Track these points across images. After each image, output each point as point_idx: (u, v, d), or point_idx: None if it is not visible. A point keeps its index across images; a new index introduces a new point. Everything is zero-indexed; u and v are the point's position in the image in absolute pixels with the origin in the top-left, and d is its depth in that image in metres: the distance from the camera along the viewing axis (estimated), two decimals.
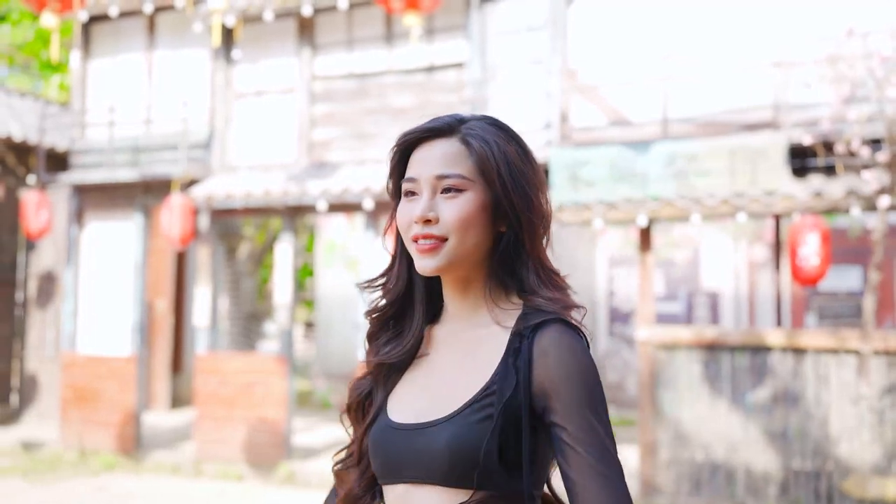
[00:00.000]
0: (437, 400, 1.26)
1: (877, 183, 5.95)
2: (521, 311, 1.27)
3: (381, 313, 1.37)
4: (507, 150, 1.29)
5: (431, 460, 1.21)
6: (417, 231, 1.26)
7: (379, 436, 1.29)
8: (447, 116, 1.33)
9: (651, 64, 7.27)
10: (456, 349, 1.31)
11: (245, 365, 8.55)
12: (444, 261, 1.26)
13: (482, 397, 1.21)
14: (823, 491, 6.52)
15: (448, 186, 1.27)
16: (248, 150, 8.85)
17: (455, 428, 1.20)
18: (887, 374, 6.36)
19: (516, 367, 1.21)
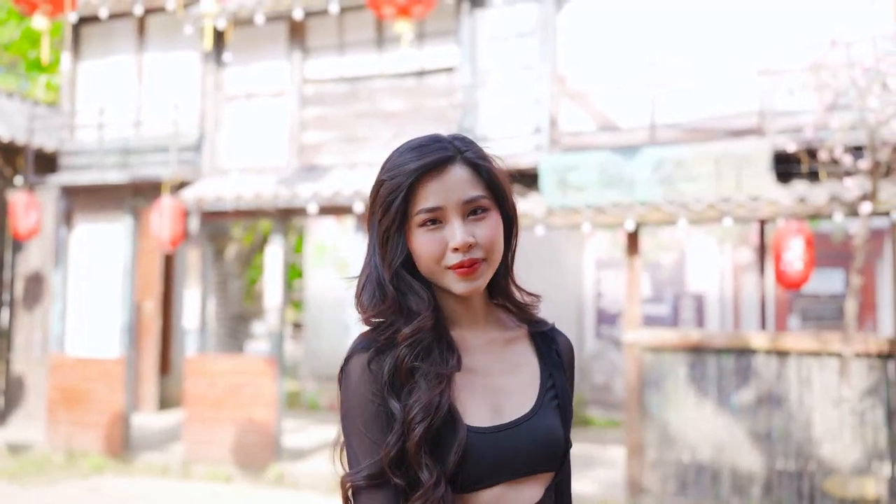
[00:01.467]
0: (508, 397, 1.33)
1: (858, 189, 6.07)
2: (521, 315, 1.42)
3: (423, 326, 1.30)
4: (501, 168, 1.37)
5: (536, 450, 1.30)
6: (460, 258, 1.29)
7: (471, 444, 1.26)
8: (438, 142, 1.33)
9: (639, 70, 7.37)
10: (488, 353, 1.37)
11: (234, 366, 8.59)
12: (485, 279, 1.33)
13: (546, 389, 1.37)
14: (806, 491, 6.64)
15: (476, 208, 1.31)
16: (239, 153, 8.89)
17: (546, 418, 1.34)
18: (868, 376, 6.49)
19: (561, 363, 1.42)
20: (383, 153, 8.24)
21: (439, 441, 1.24)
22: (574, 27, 7.74)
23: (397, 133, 8.26)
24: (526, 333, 1.42)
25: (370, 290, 1.34)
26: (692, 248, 11.26)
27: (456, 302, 1.36)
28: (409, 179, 1.29)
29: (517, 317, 1.42)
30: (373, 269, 1.35)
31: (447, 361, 1.29)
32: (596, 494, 7.33)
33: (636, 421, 7.12)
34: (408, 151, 1.33)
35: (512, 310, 1.41)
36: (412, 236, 1.31)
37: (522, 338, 1.41)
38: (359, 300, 1.36)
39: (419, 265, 1.32)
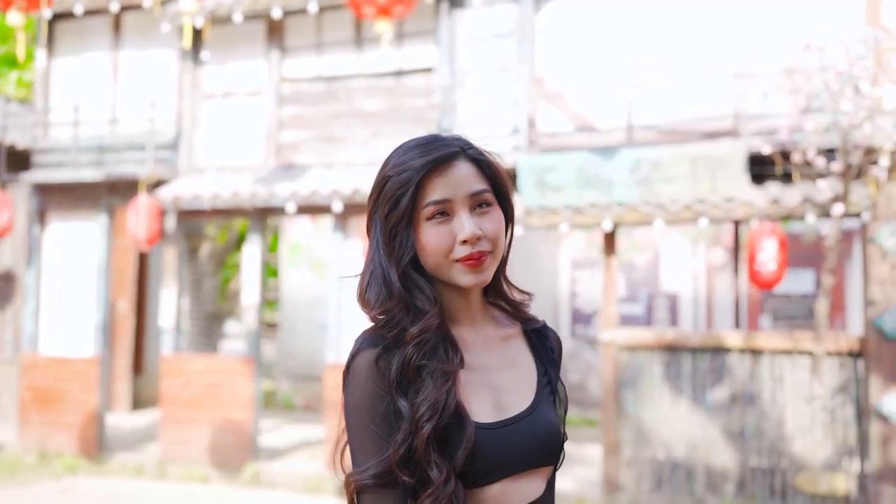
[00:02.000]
0: (508, 393, 1.36)
1: (831, 191, 6.20)
2: (514, 312, 1.45)
3: (429, 331, 1.30)
4: (501, 166, 1.41)
5: (537, 444, 1.33)
6: (469, 250, 1.30)
7: (482, 439, 1.28)
8: (441, 140, 1.35)
9: (616, 72, 7.45)
10: (486, 350, 1.39)
11: (211, 366, 8.55)
12: (490, 272, 1.35)
13: (543, 385, 1.40)
14: (778, 487, 6.76)
15: (481, 202, 1.33)
16: (216, 152, 8.85)
17: (545, 413, 1.37)
18: (838, 374, 6.62)
19: (554, 359, 1.46)
20: (361, 153, 8.28)
21: (447, 438, 1.24)
22: (552, 29, 7.81)
23: (375, 133, 8.27)
24: (520, 331, 1.44)
25: (376, 287, 1.34)
26: (666, 249, 11.39)
27: (457, 299, 1.37)
28: (418, 174, 1.30)
29: (510, 315, 1.45)
30: (377, 266, 1.35)
31: (452, 359, 1.29)
32: (573, 492, 7.40)
33: (612, 419, 7.20)
34: (411, 149, 1.34)
35: (506, 308, 1.44)
36: (419, 230, 1.32)
37: (517, 335, 1.44)
38: (363, 298, 1.36)
39: (426, 259, 1.33)
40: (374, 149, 8.27)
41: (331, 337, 8.18)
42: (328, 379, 8.05)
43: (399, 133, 8.18)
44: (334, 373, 8.02)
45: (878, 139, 5.93)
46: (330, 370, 8.05)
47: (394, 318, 1.32)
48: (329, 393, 8.01)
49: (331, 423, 7.96)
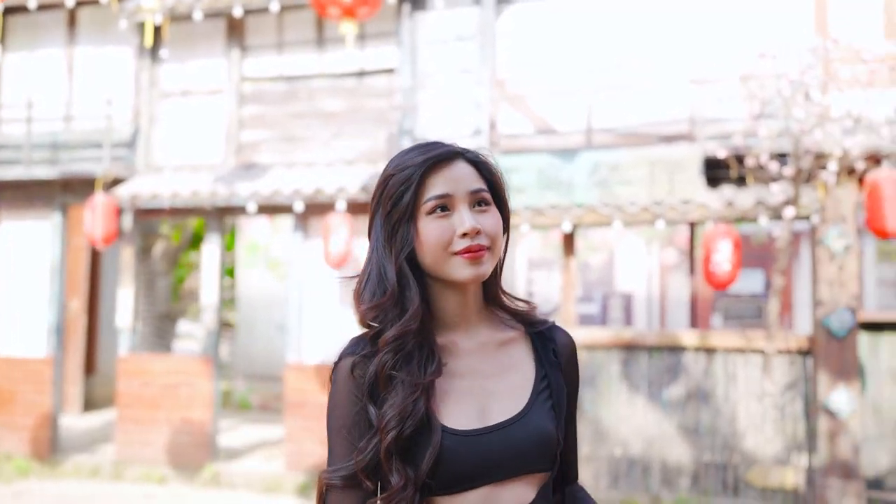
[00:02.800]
0: (497, 399, 1.36)
1: (783, 195, 6.40)
2: (518, 316, 1.45)
3: (406, 337, 1.33)
4: (499, 169, 1.44)
5: (524, 451, 1.33)
6: (467, 243, 1.33)
7: (450, 447, 1.30)
8: (441, 143, 1.40)
9: (576, 76, 7.59)
10: (479, 355, 1.39)
11: (169, 366, 8.47)
12: (488, 268, 1.36)
13: (540, 389, 1.39)
14: (730, 481, 6.96)
15: (481, 200, 1.37)
16: (174, 151, 8.77)
17: (538, 418, 1.36)
18: (789, 371, 6.84)
19: (558, 362, 1.44)
20: (322, 153, 8.28)
21: (414, 446, 1.28)
22: (513, 32, 7.91)
23: (336, 133, 8.28)
24: (523, 334, 1.44)
25: (371, 285, 1.36)
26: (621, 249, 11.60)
27: (454, 300, 1.38)
28: (419, 170, 1.34)
29: (515, 317, 1.45)
30: (375, 265, 1.37)
31: (425, 369, 1.31)
32: None
33: None
34: (412, 150, 1.38)
35: (509, 311, 1.45)
36: (420, 225, 1.34)
37: (518, 338, 1.44)
38: (358, 295, 1.38)
39: (424, 255, 1.34)
40: (335, 149, 8.28)
41: (291, 337, 8.16)
42: (289, 379, 8.04)
43: (360, 134, 8.21)
44: (294, 373, 8.02)
45: (828, 145, 6.15)
46: (290, 370, 8.04)
47: (378, 317, 1.34)
48: (290, 393, 8.01)
49: (291, 423, 7.96)
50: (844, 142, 6.10)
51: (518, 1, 7.87)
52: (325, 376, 7.88)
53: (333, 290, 8.10)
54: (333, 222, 7.48)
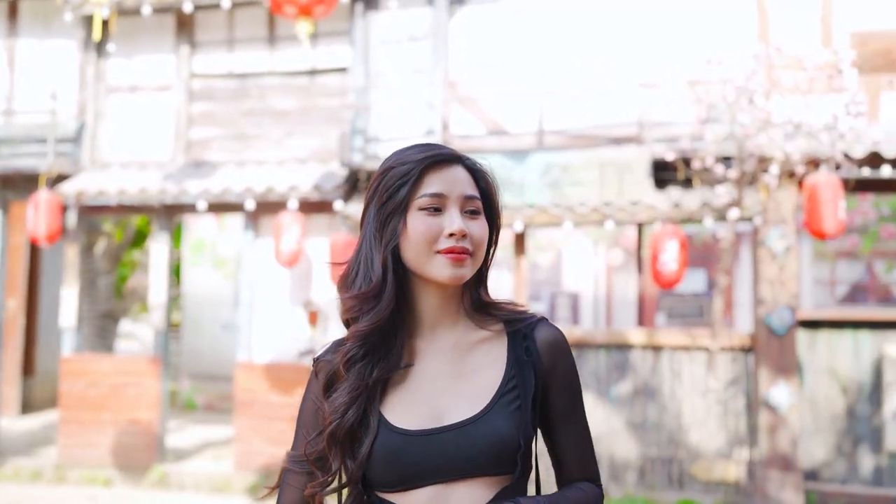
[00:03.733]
0: (455, 400, 1.37)
1: (727, 197, 6.61)
2: (504, 317, 1.45)
3: (372, 330, 1.38)
4: (495, 180, 1.47)
5: (479, 453, 1.32)
6: (452, 243, 1.35)
7: (395, 445, 1.34)
8: (441, 146, 1.43)
9: (528, 78, 7.70)
10: (449, 354, 1.41)
11: (116, 366, 8.32)
12: (469, 273, 1.38)
13: (506, 391, 1.37)
14: (675, 475, 7.15)
15: (473, 208, 1.39)
16: (121, 147, 8.61)
17: (497, 419, 1.34)
18: (731, 368, 7.06)
19: (531, 360, 1.41)
20: (274, 151, 8.24)
21: (357, 442, 1.35)
22: (466, 34, 7.99)
23: (288, 132, 8.25)
24: (499, 334, 1.44)
25: (360, 276, 1.40)
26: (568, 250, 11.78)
27: (432, 300, 1.41)
28: (419, 166, 1.38)
29: (497, 318, 1.45)
30: (363, 255, 1.40)
31: (379, 366, 1.36)
32: None
33: None
34: (414, 147, 1.42)
35: (488, 310, 1.45)
36: (409, 219, 1.37)
37: (493, 339, 1.44)
38: (344, 281, 1.43)
39: (409, 248, 1.37)
40: (286, 148, 8.24)
41: (241, 336, 8.10)
42: (239, 378, 7.97)
43: (312, 132, 8.19)
44: (244, 372, 7.96)
45: (770, 149, 6.37)
46: (240, 369, 7.98)
47: (356, 307, 1.39)
48: (239, 393, 7.94)
49: (241, 423, 7.90)
50: (785, 146, 6.32)
51: (471, 3, 7.95)
52: (276, 376, 7.86)
53: (284, 288, 8.07)
54: (285, 221, 7.45)
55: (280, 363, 7.88)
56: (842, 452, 6.81)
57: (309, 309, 7.89)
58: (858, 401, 6.80)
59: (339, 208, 7.50)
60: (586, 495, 1.43)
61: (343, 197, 7.58)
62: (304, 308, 7.91)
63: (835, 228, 6.31)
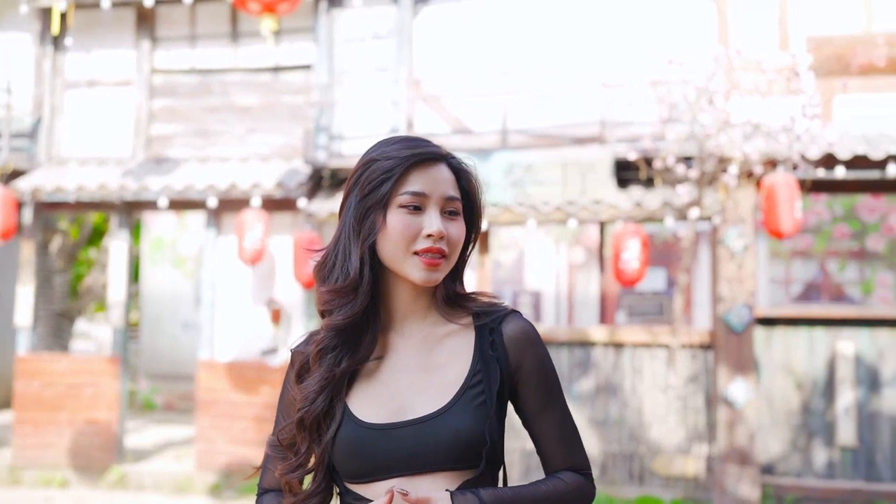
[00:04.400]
0: (421, 395, 1.37)
1: (688, 196, 6.71)
2: (474, 310, 1.45)
3: (346, 324, 1.39)
4: (478, 180, 1.47)
5: (441, 447, 1.33)
6: (430, 244, 1.36)
7: (358, 437, 1.35)
8: (428, 142, 1.42)
9: (492, 78, 7.74)
10: (418, 349, 1.42)
11: (73, 366, 8.18)
12: (442, 275, 1.39)
13: (471, 385, 1.37)
14: (636, 471, 7.25)
15: (453, 209, 1.40)
16: (80, 142, 8.47)
17: (459, 415, 1.35)
18: (691, 364, 7.18)
19: (496, 356, 1.41)
20: (236, 148, 8.17)
21: (325, 431, 1.38)
22: (430, 32, 8.01)
23: (251, 129, 8.19)
24: (468, 328, 1.44)
25: (337, 267, 1.40)
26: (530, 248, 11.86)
27: (405, 296, 1.42)
28: (403, 164, 1.36)
29: (468, 312, 1.45)
30: (342, 246, 1.40)
31: (340, 363, 1.38)
32: None
33: None
34: (399, 141, 1.40)
35: (458, 303, 1.45)
36: (389, 216, 1.36)
37: (461, 333, 1.43)
38: (321, 271, 1.43)
39: (386, 245, 1.37)
40: (250, 144, 8.18)
41: (203, 335, 8.01)
42: (200, 377, 7.89)
43: (276, 129, 8.14)
44: (206, 371, 7.88)
45: (729, 149, 6.49)
46: (202, 368, 7.90)
47: (332, 301, 1.39)
48: (201, 392, 7.86)
49: (202, 422, 7.82)
50: (744, 147, 6.44)
51: (435, 1, 7.97)
52: (238, 374, 7.80)
53: (247, 287, 8.01)
54: (248, 219, 7.40)
55: (243, 362, 7.82)
56: (796, 447, 6.97)
57: (272, 307, 7.84)
58: (812, 396, 6.96)
59: (303, 206, 7.47)
60: (565, 485, 1.43)
61: (307, 195, 7.54)
62: (267, 306, 7.86)
63: (791, 228, 6.45)
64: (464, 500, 1.30)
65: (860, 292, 10.19)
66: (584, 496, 1.46)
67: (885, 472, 6.76)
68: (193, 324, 11.52)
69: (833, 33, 7.47)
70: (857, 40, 7.42)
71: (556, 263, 11.88)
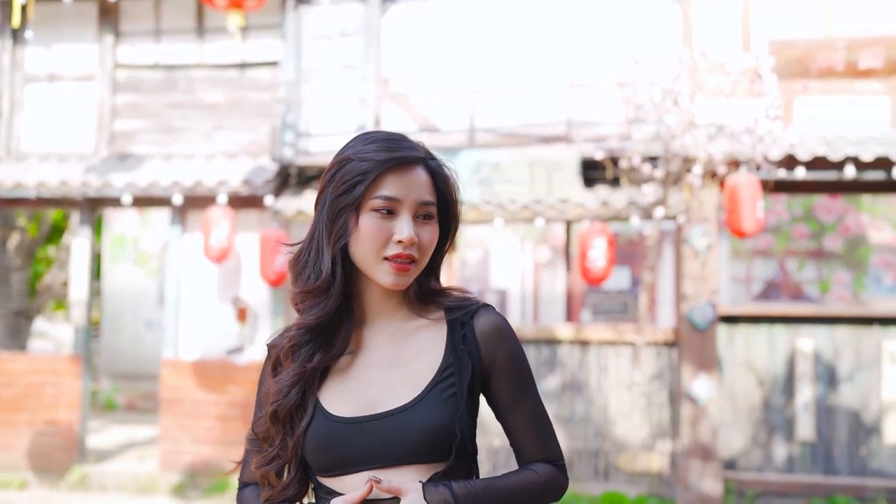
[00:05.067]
0: (391, 389, 1.38)
1: (653, 196, 6.80)
2: (446, 304, 1.45)
3: (319, 323, 1.40)
4: (456, 182, 1.48)
5: (409, 441, 1.34)
6: (401, 250, 1.36)
7: (328, 431, 1.36)
8: (408, 141, 1.41)
9: (459, 76, 7.77)
10: (389, 344, 1.43)
11: (32, 365, 8.04)
12: (412, 279, 1.40)
13: (441, 379, 1.38)
14: (602, 467, 7.33)
15: (427, 213, 1.40)
16: (40, 138, 8.33)
17: (429, 408, 1.35)
18: (655, 362, 7.28)
19: (467, 349, 1.41)
20: (202, 145, 8.10)
21: (295, 424, 1.39)
22: (398, 30, 8.01)
23: (217, 125, 8.12)
24: (442, 321, 1.44)
25: (309, 267, 1.40)
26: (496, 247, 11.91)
27: (376, 294, 1.43)
28: (379, 167, 1.35)
29: (440, 306, 1.45)
30: (315, 244, 1.40)
31: (312, 359, 1.39)
32: None
33: None
34: (378, 141, 1.39)
35: (435, 299, 1.46)
36: (362, 219, 1.36)
37: (434, 326, 1.44)
38: (296, 268, 1.43)
39: (357, 250, 1.37)
40: (215, 141, 8.11)
41: (168, 333, 7.92)
42: (165, 376, 7.80)
43: (242, 126, 8.08)
44: (171, 369, 7.79)
45: (694, 149, 6.59)
46: (167, 366, 7.81)
47: (305, 302, 1.40)
48: (165, 390, 7.78)
49: (166, 422, 7.73)
50: (708, 147, 6.54)
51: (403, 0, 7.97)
52: (204, 373, 7.72)
53: (212, 285, 7.94)
54: (214, 216, 7.34)
55: (208, 360, 7.75)
56: (757, 442, 7.10)
57: (238, 306, 7.78)
58: (773, 392, 7.10)
59: (270, 204, 7.42)
60: (537, 475, 1.43)
61: (274, 192, 7.50)
62: (233, 305, 7.80)
63: (754, 227, 6.57)
64: (436, 491, 1.31)
65: (818, 291, 10.42)
66: (557, 486, 1.47)
67: (842, 465, 6.93)
68: (156, 322, 11.39)
69: (794, 37, 7.63)
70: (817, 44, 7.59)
71: (521, 262, 11.96)
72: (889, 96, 8.15)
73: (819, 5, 7.96)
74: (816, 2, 7.98)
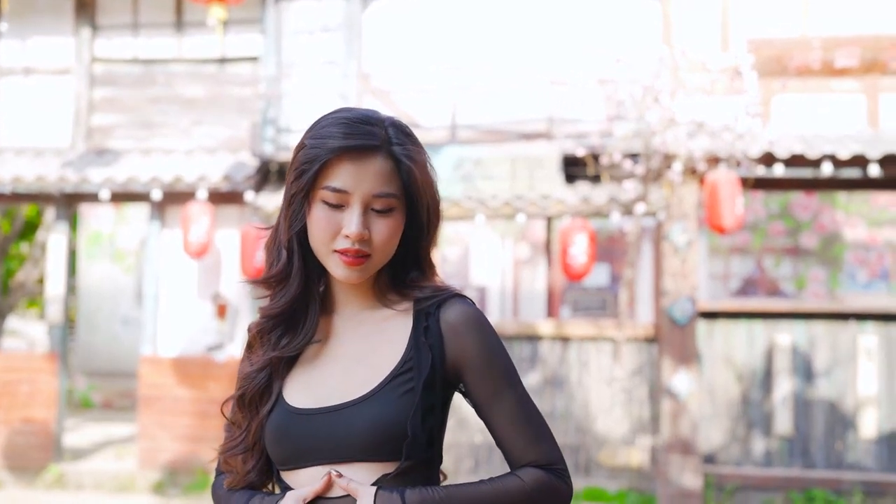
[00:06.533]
0: (348, 382, 1.32)
1: (634, 192, 6.85)
2: (416, 296, 1.35)
3: (281, 311, 1.36)
4: (425, 166, 1.37)
5: (355, 437, 1.26)
6: (348, 245, 1.28)
7: (283, 422, 1.32)
8: (370, 125, 1.30)
9: (440, 73, 7.77)
10: (355, 334, 1.37)
11: (8, 363, 7.94)
12: (367, 274, 1.32)
13: (400, 373, 1.29)
14: (583, 462, 7.37)
15: (383, 206, 1.29)
16: (15, 132, 8.21)
17: (380, 404, 1.27)
18: (636, 358, 7.33)
19: (429, 342, 1.31)
20: (181, 140, 8.03)
21: (260, 409, 1.35)
22: (379, 26, 7.99)
23: (197, 120, 8.05)
24: (409, 312, 1.36)
25: (272, 252, 1.38)
26: (476, 243, 11.93)
27: (340, 283, 1.37)
28: (328, 155, 1.27)
29: (410, 297, 1.37)
30: (276, 231, 1.37)
31: (279, 344, 1.35)
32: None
33: None
34: (336, 124, 1.29)
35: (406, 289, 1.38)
36: (312, 208, 1.31)
37: (401, 318, 1.36)
38: (267, 251, 1.40)
39: (311, 237, 1.32)
40: (195, 137, 8.05)
41: (146, 330, 7.85)
42: (143, 373, 7.74)
43: (222, 122, 8.02)
44: (150, 366, 7.73)
45: (674, 146, 6.63)
46: (145, 363, 7.74)
47: (267, 290, 1.38)
48: (144, 388, 7.71)
49: (145, 419, 7.67)
50: (689, 144, 6.59)
51: None
52: (183, 370, 7.66)
53: (192, 281, 7.88)
54: (194, 212, 7.28)
55: (187, 357, 7.69)
56: (736, 436, 7.17)
57: (217, 302, 7.73)
58: (751, 387, 7.17)
59: (250, 199, 7.38)
60: (520, 483, 1.30)
61: (254, 188, 7.46)
62: (213, 301, 7.75)
63: (733, 224, 6.63)
64: (389, 498, 1.23)
65: (794, 287, 10.54)
66: (551, 494, 1.31)
67: (819, 459, 7.02)
68: (133, 320, 11.28)
69: (772, 36, 7.70)
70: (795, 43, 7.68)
71: (501, 259, 11.98)
72: (865, 95, 8.26)
73: (796, 5, 8.05)
74: (794, 1, 8.07)
